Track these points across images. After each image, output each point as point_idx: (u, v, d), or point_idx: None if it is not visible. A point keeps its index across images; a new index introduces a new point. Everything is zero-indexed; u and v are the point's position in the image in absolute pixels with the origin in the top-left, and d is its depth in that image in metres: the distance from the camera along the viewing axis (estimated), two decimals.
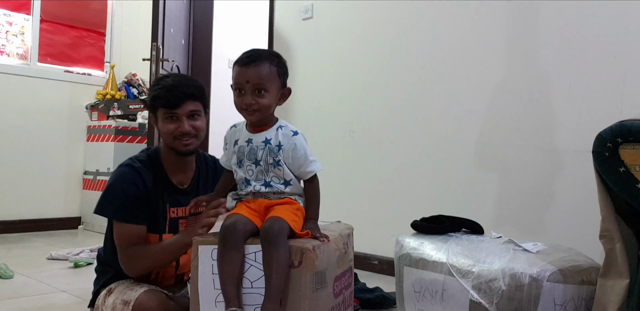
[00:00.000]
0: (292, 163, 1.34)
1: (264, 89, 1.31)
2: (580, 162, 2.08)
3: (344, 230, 1.49)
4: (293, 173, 1.34)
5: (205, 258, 1.25)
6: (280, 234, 1.20)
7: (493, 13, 2.43)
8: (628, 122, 1.31)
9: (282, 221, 1.22)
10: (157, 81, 1.70)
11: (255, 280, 1.21)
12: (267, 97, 1.31)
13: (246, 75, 1.30)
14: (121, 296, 1.52)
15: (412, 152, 2.70)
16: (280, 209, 1.28)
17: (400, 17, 2.79)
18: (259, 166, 1.33)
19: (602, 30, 2.09)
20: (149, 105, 1.68)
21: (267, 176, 1.33)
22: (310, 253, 1.18)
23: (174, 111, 1.59)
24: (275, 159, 1.32)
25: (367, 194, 2.88)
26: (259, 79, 1.30)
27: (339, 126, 2.99)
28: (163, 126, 1.62)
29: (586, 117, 2.11)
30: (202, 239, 1.29)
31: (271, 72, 1.32)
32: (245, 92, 1.30)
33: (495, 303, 1.42)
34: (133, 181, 1.59)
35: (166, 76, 1.73)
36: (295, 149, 1.34)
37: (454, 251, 1.59)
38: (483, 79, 2.45)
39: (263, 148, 1.33)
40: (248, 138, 1.36)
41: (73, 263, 2.81)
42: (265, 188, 1.33)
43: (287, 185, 1.34)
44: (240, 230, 1.23)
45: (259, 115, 1.32)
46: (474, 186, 2.44)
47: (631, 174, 1.29)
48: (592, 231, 1.47)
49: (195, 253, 1.27)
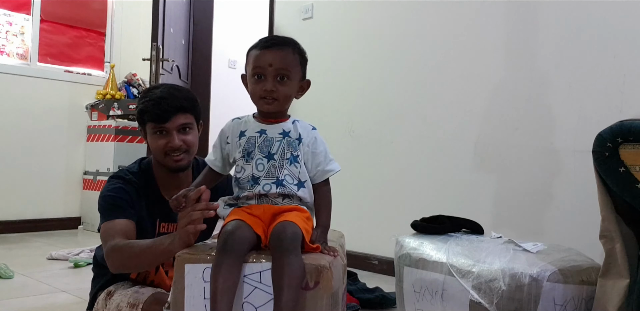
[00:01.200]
0: (311, 159, 1.20)
1: (287, 76, 1.17)
2: (580, 162, 2.08)
3: (339, 238, 1.37)
4: (308, 174, 1.20)
5: (194, 279, 1.02)
6: (294, 240, 1.03)
7: (493, 13, 2.43)
8: (628, 122, 1.31)
9: (295, 226, 1.06)
10: (145, 93, 1.60)
11: (261, 304, 1.00)
12: (289, 85, 1.19)
13: (269, 58, 1.16)
14: (127, 299, 1.49)
15: (412, 152, 2.70)
16: (291, 215, 1.11)
17: (400, 17, 2.79)
18: (272, 160, 1.17)
19: (602, 30, 2.09)
20: (137, 119, 1.59)
21: (280, 172, 1.16)
22: (328, 272, 1.00)
23: (163, 125, 1.51)
24: (294, 154, 1.18)
25: (367, 194, 2.88)
26: (283, 63, 1.17)
27: (339, 125, 2.99)
28: (152, 141, 1.54)
29: (586, 117, 2.11)
30: (190, 255, 1.04)
31: (294, 58, 1.20)
32: (266, 77, 1.17)
33: (495, 303, 1.42)
34: (122, 188, 1.53)
35: (155, 87, 1.65)
36: (315, 144, 1.22)
37: (454, 251, 1.59)
38: (483, 79, 2.45)
39: (280, 140, 1.18)
40: (260, 129, 1.20)
41: (73, 263, 2.81)
42: (277, 187, 1.15)
43: (300, 187, 1.17)
44: (244, 237, 1.05)
45: (278, 105, 1.18)
46: (474, 186, 2.44)
47: (631, 174, 1.29)
48: (592, 231, 1.47)
49: (180, 273, 1.03)
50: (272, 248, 1.03)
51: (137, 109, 1.58)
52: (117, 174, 1.62)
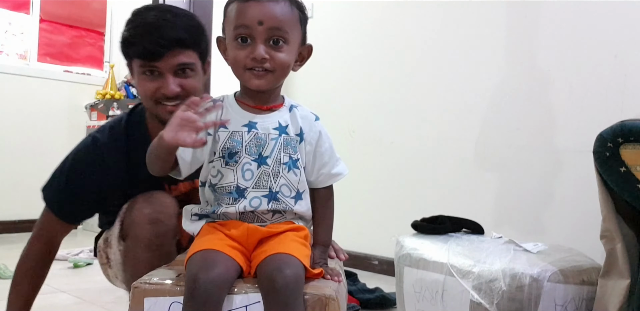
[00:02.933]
0: (314, 161, 0.94)
1: (283, 38, 0.87)
2: (581, 162, 2.07)
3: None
4: (308, 178, 0.94)
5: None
6: (295, 291, 0.76)
7: (494, 13, 2.42)
8: (629, 122, 1.31)
9: (296, 263, 0.80)
10: (134, 15, 1.19)
11: None
12: (287, 51, 0.88)
13: (258, 13, 0.85)
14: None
15: (412, 152, 2.69)
16: (286, 241, 0.86)
17: (400, 17, 2.78)
18: (264, 165, 0.89)
19: (603, 30, 2.09)
20: (122, 51, 1.21)
21: (275, 183, 0.89)
22: (334, 304, 0.82)
23: (153, 63, 1.12)
24: (293, 157, 0.91)
25: (367, 194, 2.87)
26: (279, 20, 0.86)
27: (339, 126, 2.98)
28: (139, 84, 1.16)
29: (587, 117, 2.10)
30: (150, 287, 0.80)
31: (293, 15, 0.89)
32: (254, 40, 0.86)
33: (495, 304, 1.42)
34: (94, 167, 1.21)
35: (148, 8, 1.21)
36: (320, 140, 0.94)
37: (455, 252, 1.58)
38: (484, 78, 2.45)
39: (276, 138, 0.90)
40: (249, 121, 0.90)
41: (73, 263, 2.81)
42: (269, 202, 0.88)
43: (297, 200, 0.91)
44: (221, 280, 0.77)
45: (272, 79, 0.88)
46: (474, 186, 2.44)
47: (632, 174, 1.28)
48: (592, 232, 1.46)
49: (137, 309, 0.80)
50: (265, 297, 0.78)
51: (121, 37, 1.19)
52: (96, 134, 1.24)
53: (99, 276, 1.68)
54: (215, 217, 0.92)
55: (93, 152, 1.23)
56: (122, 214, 1.26)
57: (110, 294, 2.15)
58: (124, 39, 1.18)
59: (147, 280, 0.84)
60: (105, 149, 1.22)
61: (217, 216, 0.91)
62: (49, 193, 1.31)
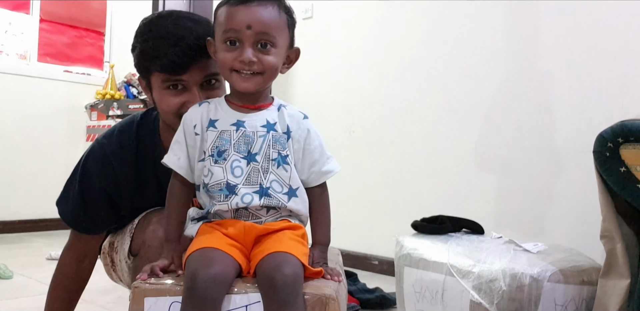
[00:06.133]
0: (303, 158, 0.96)
1: (271, 42, 0.90)
2: (581, 162, 2.07)
3: (337, 257, 1.21)
4: (300, 177, 0.95)
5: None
6: (296, 288, 0.77)
7: (494, 13, 2.42)
8: (629, 122, 1.31)
9: (294, 262, 0.81)
10: (147, 26, 1.09)
11: None
12: (275, 54, 0.91)
13: (247, 18, 0.88)
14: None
15: (412, 152, 2.69)
16: (284, 240, 0.86)
17: (400, 17, 2.78)
18: (253, 162, 0.90)
19: (602, 30, 2.09)
20: (137, 65, 1.11)
21: (265, 179, 0.90)
22: (335, 304, 0.82)
23: (179, 77, 1.05)
24: (282, 153, 0.92)
25: (367, 194, 2.87)
26: (267, 25, 0.89)
27: (339, 125, 2.99)
28: (162, 99, 1.08)
29: (587, 117, 2.10)
30: (150, 287, 0.82)
31: (281, 19, 0.92)
32: (243, 44, 0.89)
33: (495, 304, 1.42)
34: (104, 178, 1.18)
35: (161, 15, 1.11)
36: (309, 138, 0.96)
37: (455, 252, 1.58)
38: (484, 78, 2.45)
39: (264, 135, 0.92)
40: (237, 120, 0.92)
41: None
42: (261, 198, 0.89)
43: (291, 196, 0.92)
44: (220, 278, 0.78)
45: (260, 82, 0.91)
46: (474, 186, 2.44)
47: (632, 174, 1.28)
48: (592, 232, 1.46)
49: (138, 309, 0.81)
50: (264, 295, 0.78)
51: (134, 50, 1.09)
52: (103, 141, 1.18)
53: (99, 276, 1.68)
54: (211, 217, 0.94)
55: (102, 162, 1.19)
56: (132, 229, 1.23)
57: (110, 294, 2.15)
58: (142, 52, 1.07)
59: (148, 279, 0.86)
60: (114, 159, 1.18)
61: (213, 215, 0.93)
62: (64, 208, 1.28)
